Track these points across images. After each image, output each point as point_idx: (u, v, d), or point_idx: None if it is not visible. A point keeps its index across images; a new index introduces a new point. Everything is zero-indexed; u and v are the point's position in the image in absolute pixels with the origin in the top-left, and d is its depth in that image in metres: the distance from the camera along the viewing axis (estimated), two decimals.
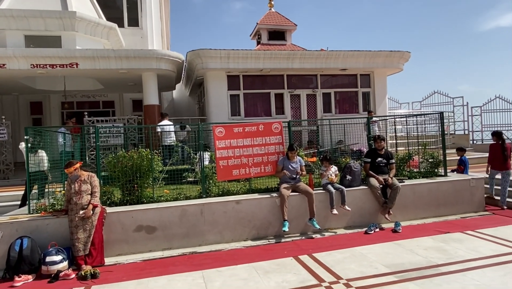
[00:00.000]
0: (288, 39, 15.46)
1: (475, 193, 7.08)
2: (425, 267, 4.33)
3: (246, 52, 11.29)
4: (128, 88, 13.40)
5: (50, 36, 10.70)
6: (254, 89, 12.30)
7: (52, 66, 9.49)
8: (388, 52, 12.40)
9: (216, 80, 11.70)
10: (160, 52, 10.53)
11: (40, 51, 9.38)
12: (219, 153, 6.26)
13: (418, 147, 7.96)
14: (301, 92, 12.63)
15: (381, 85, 13.20)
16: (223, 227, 5.78)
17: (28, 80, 11.01)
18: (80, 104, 15.33)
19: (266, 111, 12.43)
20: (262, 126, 6.65)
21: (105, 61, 9.79)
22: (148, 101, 10.93)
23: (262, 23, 15.17)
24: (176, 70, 11.51)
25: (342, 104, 13.22)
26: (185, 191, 6.33)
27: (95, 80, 11.85)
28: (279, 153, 6.57)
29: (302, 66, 11.95)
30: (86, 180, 5.10)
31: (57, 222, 5.14)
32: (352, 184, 6.49)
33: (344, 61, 12.16)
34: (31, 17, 10.40)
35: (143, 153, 5.90)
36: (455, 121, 16.63)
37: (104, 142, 9.57)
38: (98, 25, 11.37)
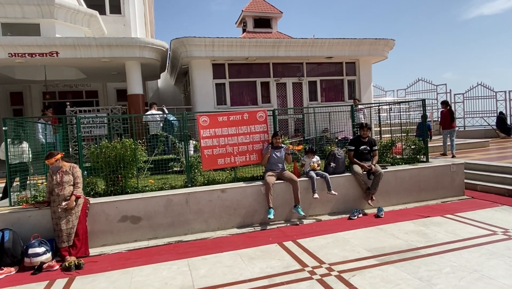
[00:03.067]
0: (274, 27, 15.35)
1: (455, 178, 7.27)
2: (405, 250, 4.45)
3: (231, 40, 11.18)
4: (112, 77, 13.16)
5: (28, 24, 10.36)
6: (240, 78, 12.24)
7: (31, 55, 9.23)
8: (373, 40, 12.46)
9: (201, 69, 11.59)
10: (143, 40, 10.34)
11: (18, 40, 9.09)
12: (203, 142, 6.24)
13: (401, 134, 8.09)
14: (287, 80, 12.63)
15: (366, 73, 13.29)
16: (209, 215, 5.80)
17: (6, 70, 10.69)
18: (62, 94, 14.98)
19: (252, 100, 12.41)
20: (247, 115, 6.64)
21: (87, 49, 9.57)
22: (132, 90, 10.77)
23: (247, 10, 15.00)
24: (160, 59, 11.33)
25: (328, 93, 13.29)
26: (171, 180, 6.31)
27: (77, 70, 11.59)
28: (264, 141, 6.59)
29: (287, 54, 11.92)
30: (68, 171, 5.03)
31: (40, 213, 5.08)
32: (336, 171, 6.58)
33: (329, 49, 12.18)
34: (8, 4, 10.04)
35: (126, 143, 5.83)
36: (438, 109, 16.92)
37: (87, 133, 9.42)
38: (78, 13, 11.05)
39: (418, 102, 10.98)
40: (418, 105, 11.53)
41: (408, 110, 13.24)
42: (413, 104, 12.51)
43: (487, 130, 15.35)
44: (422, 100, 7.85)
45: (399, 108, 11.54)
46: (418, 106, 11.52)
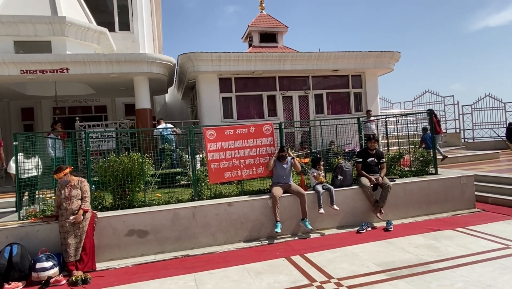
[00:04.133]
0: (279, 41, 15.51)
1: (465, 190, 7.15)
2: (416, 265, 4.36)
3: (237, 55, 11.32)
4: (120, 92, 13.36)
5: (40, 42, 10.62)
6: (246, 91, 12.33)
7: (42, 72, 9.44)
8: (379, 53, 12.51)
9: (208, 83, 11.71)
10: (151, 56, 10.53)
11: (30, 57, 9.32)
12: (210, 155, 6.26)
13: (409, 146, 8.03)
14: (293, 94, 12.69)
15: (372, 85, 13.30)
16: (216, 229, 5.77)
17: (18, 86, 10.93)
18: (72, 109, 15.23)
19: (258, 113, 12.46)
20: (253, 128, 6.67)
21: (96, 65, 9.76)
22: (140, 105, 10.91)
23: (253, 25, 15.21)
24: (167, 74, 11.50)
25: (334, 105, 13.29)
26: (178, 194, 6.31)
27: (87, 85, 11.80)
28: (271, 154, 6.58)
29: (293, 67, 12.01)
30: (76, 185, 5.07)
31: (48, 228, 5.11)
32: (344, 183, 6.53)
33: (335, 62, 12.24)
34: (20, 23, 10.33)
35: (134, 157, 5.88)
36: (446, 120, 16.82)
37: (96, 147, 9.53)
38: (89, 30, 11.32)
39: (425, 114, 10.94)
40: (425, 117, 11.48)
41: (415, 122, 13.15)
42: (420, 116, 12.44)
43: (496, 142, 15.16)
44: (429, 111, 7.79)
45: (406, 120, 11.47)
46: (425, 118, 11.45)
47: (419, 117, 11.83)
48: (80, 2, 12.36)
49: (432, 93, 17.25)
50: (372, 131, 9.79)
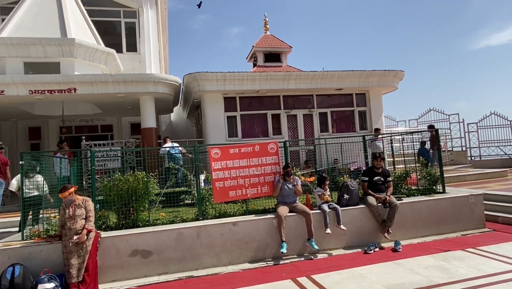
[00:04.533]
0: (283, 60, 15.72)
1: (474, 210, 7.01)
2: (426, 287, 4.23)
3: (242, 75, 11.45)
4: (126, 112, 13.51)
5: (49, 63, 10.84)
6: (251, 110, 12.41)
7: (50, 92, 9.60)
8: (382, 72, 12.59)
9: (213, 102, 11.82)
10: (157, 76, 10.69)
11: (38, 78, 9.50)
12: (215, 174, 6.24)
13: (415, 164, 7.95)
14: (298, 112, 12.73)
15: (377, 103, 13.32)
16: (220, 249, 5.68)
17: (26, 106, 11.10)
18: (78, 128, 15.40)
19: (263, 132, 12.49)
20: (258, 147, 6.66)
21: (103, 86, 9.92)
22: (146, 124, 10.99)
23: (258, 46, 15.47)
24: (173, 94, 11.64)
25: (339, 123, 13.30)
26: (182, 213, 6.26)
27: (93, 105, 11.96)
28: (276, 173, 6.55)
29: (298, 86, 12.11)
30: (81, 204, 5.06)
31: (51, 248, 5.06)
32: (350, 203, 6.44)
33: (339, 81, 12.33)
34: (31, 45, 10.58)
35: (139, 176, 5.88)
36: (452, 138, 16.71)
37: (101, 166, 9.56)
38: (97, 51, 11.56)
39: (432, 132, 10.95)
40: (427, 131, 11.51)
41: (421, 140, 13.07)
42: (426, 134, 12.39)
43: (504, 160, 14.97)
44: (435, 130, 7.75)
45: (412, 139, 11.45)
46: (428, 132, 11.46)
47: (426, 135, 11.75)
48: (89, 24, 12.67)
49: (436, 111, 17.23)
50: (379, 149, 9.75)
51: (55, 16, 11.75)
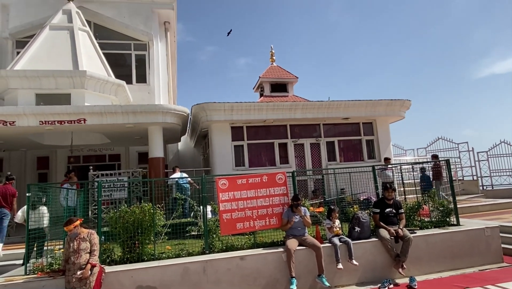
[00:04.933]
0: (289, 90, 15.92)
1: (491, 243, 6.74)
2: None
3: (249, 105, 11.56)
4: (134, 141, 13.60)
5: (60, 94, 11.08)
6: (258, 139, 12.41)
7: (60, 123, 9.73)
8: (389, 101, 12.63)
9: (220, 132, 11.87)
10: (166, 107, 10.82)
11: (49, 109, 9.67)
12: (222, 205, 6.13)
13: (427, 195, 7.75)
14: (305, 141, 12.70)
15: (384, 132, 13.26)
16: (227, 285, 5.47)
17: (36, 136, 11.23)
18: (86, 158, 15.49)
19: (270, 161, 12.42)
20: (266, 177, 6.58)
21: (112, 116, 10.04)
22: (154, 154, 11.01)
23: (264, 77, 15.74)
24: (181, 123, 11.73)
25: (346, 152, 13.20)
26: (188, 246, 6.10)
27: (102, 135, 12.07)
28: (284, 204, 6.42)
29: (304, 116, 12.15)
30: (86, 238, 4.95)
31: (54, 283, 4.92)
32: (361, 236, 6.24)
33: (345, 110, 12.37)
34: (43, 77, 10.87)
35: (145, 207, 5.79)
36: (462, 167, 16.44)
37: (108, 196, 9.51)
38: (107, 83, 11.82)
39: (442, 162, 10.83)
40: (438, 161, 11.37)
41: (430, 170, 12.87)
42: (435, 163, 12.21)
43: None
44: (446, 160, 7.63)
45: (423, 168, 11.30)
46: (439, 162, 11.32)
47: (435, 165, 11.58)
48: (101, 57, 13.04)
49: (445, 140, 17.07)
50: (389, 179, 9.60)
51: (68, 49, 12.14)
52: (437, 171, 11.32)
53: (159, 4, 15.40)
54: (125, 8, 15.03)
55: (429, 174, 11.34)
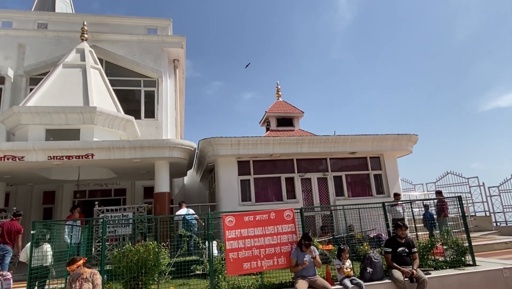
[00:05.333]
0: (296, 125, 16.02)
1: (510, 285, 6.40)
2: None
3: (256, 139, 11.60)
4: (141, 176, 13.59)
5: (70, 129, 11.25)
6: (265, 173, 12.33)
7: (68, 158, 9.80)
8: (396, 136, 12.59)
9: (226, 166, 11.84)
10: (173, 142, 10.89)
11: (58, 144, 9.78)
12: (229, 244, 5.96)
13: (440, 233, 7.50)
14: (312, 175, 12.58)
15: (392, 167, 13.12)
16: None
17: (43, 171, 11.29)
18: (92, 192, 15.44)
19: (277, 196, 12.25)
20: (274, 214, 6.44)
21: (120, 151, 10.11)
22: (159, 189, 10.95)
23: (270, 111, 15.93)
24: (188, 158, 11.75)
25: (354, 187, 13.01)
26: (192, 287, 5.88)
27: (109, 169, 12.10)
28: (293, 242, 6.23)
29: (311, 150, 12.12)
30: (88, 278, 4.80)
31: None
32: (374, 277, 5.98)
33: (352, 145, 12.33)
34: (54, 113, 11.09)
35: (149, 246, 5.66)
36: (474, 203, 16.06)
37: (112, 232, 9.35)
38: (116, 118, 12.02)
39: (452, 195, 10.60)
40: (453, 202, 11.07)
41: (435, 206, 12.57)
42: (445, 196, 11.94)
43: None
44: (458, 197, 7.46)
45: (434, 204, 11.02)
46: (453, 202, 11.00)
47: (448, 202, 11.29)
48: (111, 93, 13.35)
49: (454, 174, 16.82)
50: (400, 215, 9.36)
51: (80, 86, 12.49)
52: (442, 208, 10.88)
53: (169, 43, 15.99)
54: (136, 47, 15.61)
55: (432, 211, 10.92)
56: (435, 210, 11.05)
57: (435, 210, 11.05)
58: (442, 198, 10.75)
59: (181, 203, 10.23)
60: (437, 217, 10.78)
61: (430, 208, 10.90)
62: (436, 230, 9.39)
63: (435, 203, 11.14)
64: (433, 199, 11.17)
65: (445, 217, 10.53)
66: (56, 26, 15.89)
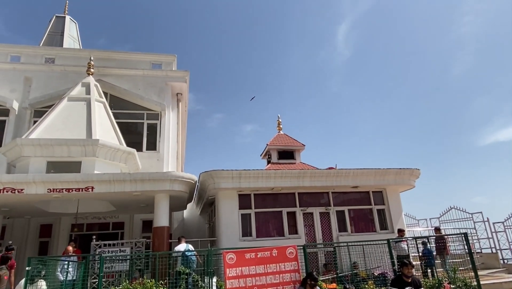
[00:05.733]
0: (297, 158, 16.02)
1: None
2: None
3: (257, 172, 11.55)
4: (140, 209, 13.40)
5: (71, 162, 11.24)
6: (266, 207, 12.16)
7: (68, 190, 9.71)
8: (398, 170, 12.55)
9: (227, 200, 11.71)
10: (174, 174, 10.83)
11: (58, 176, 9.73)
12: (229, 283, 5.77)
13: (449, 271, 7.27)
14: (314, 210, 12.40)
15: (395, 202, 12.96)
16: None
17: (42, 203, 11.15)
18: (89, 226, 15.14)
19: (278, 231, 12.00)
20: (276, 251, 6.29)
21: (121, 184, 10.04)
22: (158, 223, 10.74)
23: (272, 144, 15.99)
24: (188, 191, 11.64)
25: (357, 222, 12.77)
26: None
27: (108, 202, 11.95)
28: (295, 282, 6.03)
29: (313, 184, 12.03)
30: None
31: None
32: None
33: (354, 179, 12.26)
34: (57, 145, 11.12)
35: (147, 284, 5.46)
36: (479, 239, 15.70)
37: (109, 268, 9.07)
38: (118, 151, 12.03)
39: (455, 232, 10.38)
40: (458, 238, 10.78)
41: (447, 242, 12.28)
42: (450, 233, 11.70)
43: None
44: (464, 234, 7.30)
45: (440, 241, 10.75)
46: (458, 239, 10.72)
47: (453, 238, 11.03)
48: (114, 125, 13.46)
49: (458, 209, 16.56)
50: (404, 252, 9.11)
51: (84, 119, 12.62)
52: (441, 245, 10.49)
53: (173, 77, 16.38)
54: (141, 81, 15.97)
55: (430, 247, 10.43)
56: (435, 246, 10.67)
57: (435, 246, 10.67)
58: (441, 235, 10.52)
59: (180, 238, 10.00)
60: (437, 254, 10.44)
61: (428, 244, 10.49)
62: (436, 268, 9.08)
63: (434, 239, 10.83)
64: (437, 236, 10.92)
65: (446, 255, 10.28)
66: (63, 61, 16.36)
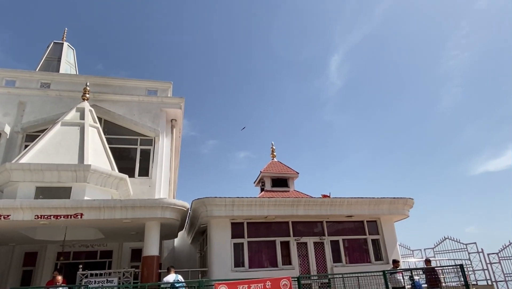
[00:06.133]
0: (291, 185, 15.93)
1: None
2: None
3: (250, 200, 11.42)
4: (129, 237, 13.03)
5: (61, 187, 11.00)
6: (259, 236, 11.94)
7: (56, 217, 9.45)
8: (392, 199, 12.53)
9: (219, 228, 11.48)
10: (166, 201, 10.63)
11: (47, 202, 9.48)
12: None
13: None
14: (308, 240, 12.20)
15: (389, 231, 12.85)
16: None
17: (28, 230, 10.81)
18: (76, 254, 14.59)
19: (271, 261, 11.72)
20: (270, 283, 6.14)
21: (111, 211, 9.81)
22: (148, 252, 10.41)
23: (265, 171, 15.93)
24: (180, 219, 11.40)
25: (351, 252, 12.56)
26: None
27: (97, 230, 11.63)
28: None
29: (307, 213, 11.91)
30: None
31: None
32: None
33: (349, 208, 12.19)
34: (47, 170, 10.88)
35: None
36: (474, 270, 15.52)
37: None
38: (110, 177, 11.83)
39: (450, 263, 10.22)
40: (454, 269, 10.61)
41: (441, 274, 12.08)
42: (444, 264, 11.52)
43: None
44: (460, 266, 7.20)
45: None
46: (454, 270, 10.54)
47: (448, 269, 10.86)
48: (106, 151, 13.30)
49: (452, 240, 16.46)
50: (400, 284, 8.93)
51: (76, 143, 12.48)
52: (433, 277, 9.96)
53: (168, 104, 16.48)
54: (136, 107, 16.02)
55: (418, 280, 10.12)
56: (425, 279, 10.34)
57: (426, 279, 10.29)
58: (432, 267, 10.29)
59: (169, 268, 9.67)
60: (429, 287, 10.05)
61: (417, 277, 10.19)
62: None
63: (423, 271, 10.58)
64: (437, 267, 10.73)
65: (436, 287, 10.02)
66: (59, 86, 16.42)
